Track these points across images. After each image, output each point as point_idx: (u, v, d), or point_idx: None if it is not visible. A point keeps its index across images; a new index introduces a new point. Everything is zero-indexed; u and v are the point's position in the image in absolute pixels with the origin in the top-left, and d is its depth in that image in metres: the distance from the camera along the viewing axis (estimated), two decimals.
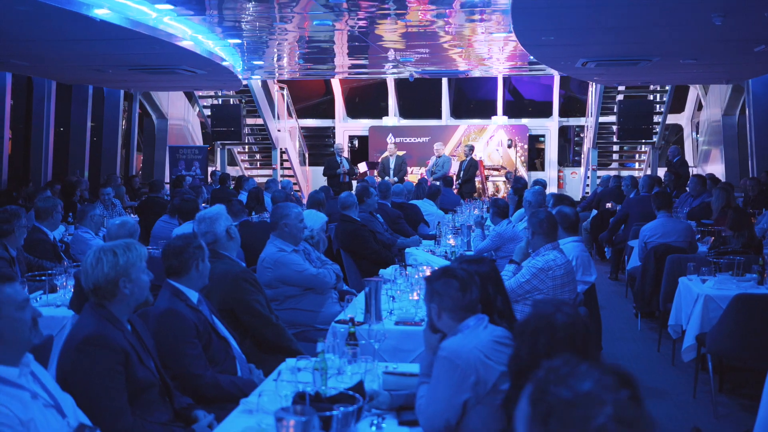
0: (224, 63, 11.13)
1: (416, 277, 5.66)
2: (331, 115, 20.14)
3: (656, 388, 5.79)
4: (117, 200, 10.61)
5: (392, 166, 15.75)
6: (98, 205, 7.62)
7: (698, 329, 5.56)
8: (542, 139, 19.21)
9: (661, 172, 16.42)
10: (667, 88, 15.68)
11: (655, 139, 16.14)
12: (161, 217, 8.57)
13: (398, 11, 8.59)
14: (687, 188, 13.25)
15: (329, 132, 20.60)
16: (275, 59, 13.22)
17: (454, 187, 14.98)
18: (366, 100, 20.72)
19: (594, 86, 16.39)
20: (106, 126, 15.39)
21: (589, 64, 10.24)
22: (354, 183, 16.46)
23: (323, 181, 18.05)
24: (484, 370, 2.69)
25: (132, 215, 11.23)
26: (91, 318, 3.13)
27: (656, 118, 16.25)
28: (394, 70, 14.77)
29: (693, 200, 10.50)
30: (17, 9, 6.56)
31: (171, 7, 7.97)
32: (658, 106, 16.29)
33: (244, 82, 15.30)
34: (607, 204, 11.93)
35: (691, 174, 13.17)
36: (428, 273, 5.73)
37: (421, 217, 9.36)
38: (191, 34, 9.81)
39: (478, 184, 16.28)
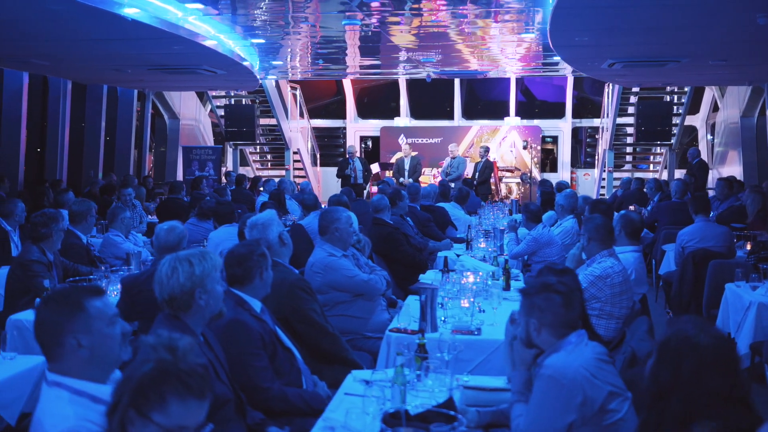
0: (244, 63, 10.99)
1: (462, 282, 5.56)
2: (341, 116, 20.02)
3: None
4: (137, 201, 10.46)
5: (407, 167, 15.64)
6: (128, 208, 7.47)
7: (751, 338, 5.44)
8: (549, 139, 19.05)
9: (676, 173, 16.36)
10: (686, 89, 15.55)
11: (673, 140, 16.00)
12: (189, 220, 8.42)
13: (413, 10, 8.47)
14: (708, 191, 13.20)
15: (339, 132, 20.48)
16: (290, 59, 13.08)
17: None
18: (377, 100, 20.60)
19: (611, 87, 16.26)
20: (120, 126, 15.26)
21: (617, 65, 10.12)
22: (370, 185, 16.48)
23: (334, 182, 17.99)
24: (591, 389, 2.57)
25: (150, 216, 11.13)
26: (166, 330, 2.99)
27: (673, 120, 16.13)
28: (413, 71, 14.60)
29: (720, 203, 10.38)
30: (51, 8, 6.43)
31: (201, 6, 7.84)
32: (676, 107, 16.15)
33: (260, 82, 15.17)
34: (630, 207, 11.79)
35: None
36: (472, 279, 5.64)
37: (449, 220, 9.24)
38: (213, 34, 9.68)
39: (491, 186, 16.15)
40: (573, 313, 2.71)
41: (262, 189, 15.05)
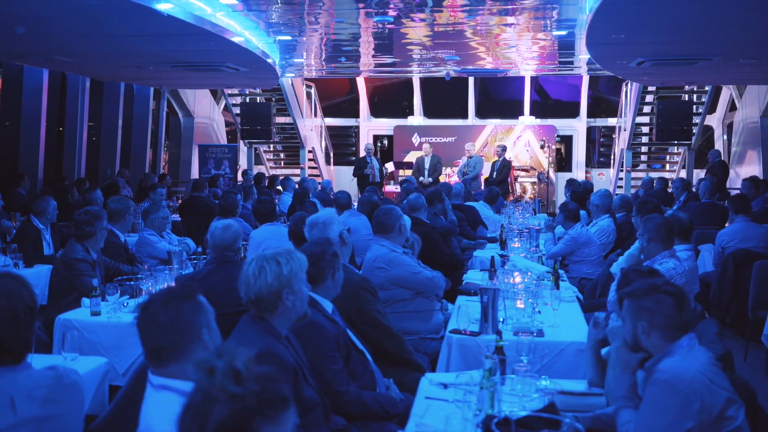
0: (268, 60, 10.90)
1: (509, 281, 5.46)
2: (353, 114, 19.91)
3: None
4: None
5: (427, 166, 15.54)
6: (163, 207, 7.36)
7: None
8: (558, 138, 18.92)
9: (694, 173, 16.26)
10: (706, 88, 15.45)
11: (692, 140, 15.91)
12: (214, 219, 8.30)
13: (435, 9, 8.37)
14: (729, 191, 13.11)
15: (351, 131, 20.38)
16: (311, 57, 12.97)
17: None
18: (389, 99, 20.50)
19: (630, 86, 16.16)
20: (136, 123, 15.15)
21: (646, 63, 10.03)
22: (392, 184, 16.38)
23: (347, 181, 17.88)
24: (710, 395, 2.47)
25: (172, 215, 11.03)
26: (254, 332, 2.90)
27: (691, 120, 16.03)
28: (434, 69, 14.49)
29: None
30: (90, 3, 6.33)
31: (235, 1, 7.75)
32: (695, 107, 16.05)
33: (279, 80, 15.08)
34: None
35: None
36: (519, 279, 5.54)
37: (480, 219, 9.14)
38: (239, 30, 9.59)
39: (508, 185, 16.04)
40: (685, 316, 2.62)
41: (280, 188, 14.98)
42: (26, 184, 11.29)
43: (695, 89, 16.13)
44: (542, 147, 17.24)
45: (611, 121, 19.21)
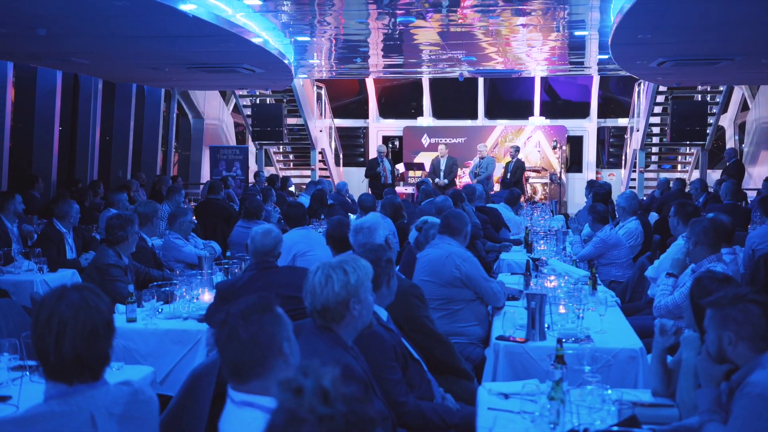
0: (285, 61, 10.81)
1: (547, 285, 5.38)
2: (362, 115, 19.83)
3: None
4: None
5: (443, 167, 15.44)
6: (189, 210, 7.27)
7: None
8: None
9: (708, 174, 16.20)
10: (721, 88, 15.37)
11: (706, 140, 15.83)
12: (238, 222, 8.21)
13: (451, 9, 8.29)
14: (747, 191, 13.00)
15: (359, 132, 20.29)
16: (327, 57, 12.88)
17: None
18: (397, 100, 20.41)
19: (642, 87, 16.08)
20: (147, 125, 15.06)
21: (667, 63, 9.94)
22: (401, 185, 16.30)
23: (357, 182, 17.80)
24: None
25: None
26: (322, 344, 2.81)
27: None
28: (449, 69, 14.41)
29: None
30: (115, 4, 6.25)
31: (259, 2, 7.66)
32: (710, 107, 15.97)
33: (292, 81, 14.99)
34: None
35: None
36: (555, 283, 5.45)
37: (503, 221, 9.05)
38: (257, 31, 9.50)
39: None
40: None
41: (292, 189, 14.90)
42: (40, 187, 11.19)
43: (708, 89, 16.04)
44: (554, 148, 17.13)
45: (621, 122, 19.13)
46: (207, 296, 5.31)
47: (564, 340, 4.33)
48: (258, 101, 18.06)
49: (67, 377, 2.11)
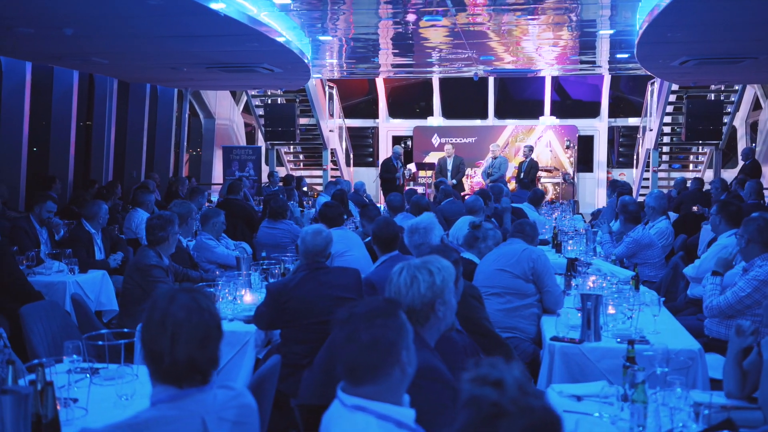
0: (306, 61, 10.76)
1: (590, 286, 5.33)
2: (370, 115, 19.78)
3: None
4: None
5: (450, 167, 15.40)
6: (221, 211, 7.20)
7: None
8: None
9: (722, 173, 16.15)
10: (736, 87, 15.33)
11: (722, 140, 15.79)
12: (263, 223, 8.16)
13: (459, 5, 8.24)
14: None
15: (368, 132, 20.24)
16: (345, 57, 12.82)
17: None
18: (407, 99, 20.36)
19: (658, 86, 16.04)
20: (160, 125, 15.00)
21: (690, 62, 9.90)
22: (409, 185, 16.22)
23: (369, 182, 17.73)
24: None
25: None
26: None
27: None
28: (465, 69, 14.36)
29: None
30: (149, 3, 6.19)
31: (289, 0, 7.61)
32: (725, 106, 15.94)
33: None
34: (693, 207, 11.55)
35: None
36: (595, 284, 5.41)
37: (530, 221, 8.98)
38: (281, 30, 9.44)
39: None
40: None
41: (305, 189, 14.85)
42: (57, 188, 11.13)
43: (723, 88, 16.00)
44: (568, 147, 17.09)
45: (631, 121, 19.10)
46: (248, 297, 5.27)
47: (619, 341, 4.33)
48: (269, 101, 18.01)
49: (178, 380, 2.06)
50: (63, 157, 11.77)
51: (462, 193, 14.00)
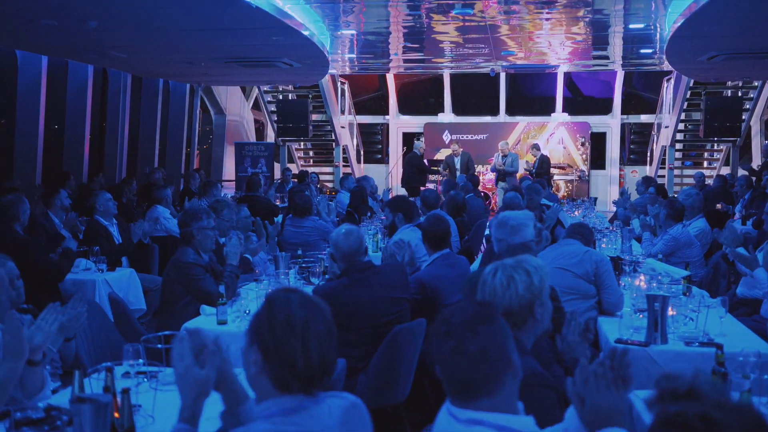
0: (327, 56, 10.59)
1: (637, 284, 5.18)
2: (380, 111, 19.61)
3: None
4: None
5: (458, 165, 15.22)
6: (243, 207, 7.03)
7: None
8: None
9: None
10: (755, 83, 15.18)
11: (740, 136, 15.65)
12: (288, 221, 7.95)
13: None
14: None
15: (377, 128, 20.06)
16: (359, 52, 12.64)
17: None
18: (417, 96, 20.20)
19: (674, 82, 15.88)
20: (171, 121, 14.82)
21: (719, 57, 9.75)
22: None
23: (380, 179, 17.52)
24: None
25: None
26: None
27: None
28: (483, 65, 14.19)
29: None
30: None
31: None
32: (744, 102, 15.80)
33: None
34: (717, 205, 11.40)
35: None
36: (641, 283, 5.26)
37: (559, 219, 8.82)
38: (306, 23, 9.27)
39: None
40: None
41: (318, 185, 14.65)
42: (72, 183, 10.96)
43: (740, 84, 15.84)
44: (583, 144, 16.94)
45: (643, 118, 18.95)
46: None
47: (686, 344, 4.17)
48: (281, 97, 17.83)
49: (312, 384, 1.91)
50: (77, 153, 11.60)
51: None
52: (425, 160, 15.56)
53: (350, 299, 4.19)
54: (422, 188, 14.70)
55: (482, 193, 12.97)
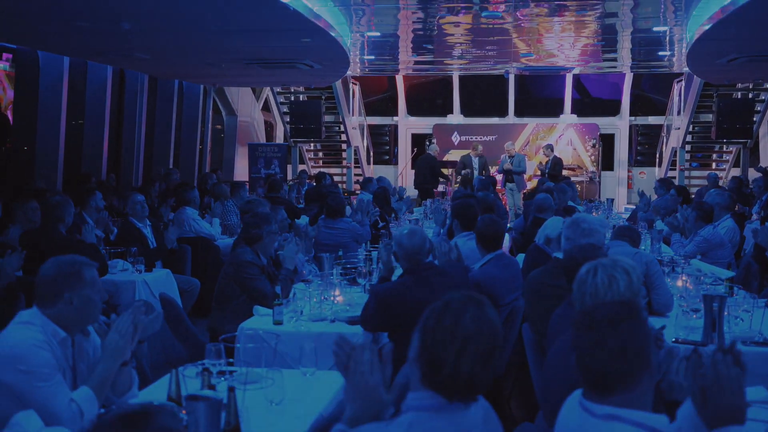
0: (350, 58, 10.62)
1: (678, 285, 5.23)
2: (388, 113, 19.65)
3: None
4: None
5: (476, 166, 15.24)
6: (281, 209, 7.04)
7: None
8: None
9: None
10: (766, 85, 15.26)
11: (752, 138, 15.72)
12: (321, 222, 7.95)
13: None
14: None
15: (386, 130, 20.10)
16: (383, 53, 12.63)
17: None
18: (426, 97, 20.24)
19: (684, 84, 15.95)
20: (185, 122, 14.83)
21: (739, 59, 9.81)
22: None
23: (391, 180, 17.54)
24: None
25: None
26: None
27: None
28: (498, 66, 14.24)
29: None
30: None
31: None
32: (756, 104, 15.88)
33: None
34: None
35: None
36: (683, 283, 5.30)
37: None
38: (334, 24, 9.29)
39: None
40: None
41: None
42: (92, 185, 10.98)
43: (751, 86, 15.92)
44: (593, 146, 17.00)
45: (651, 120, 19.03)
46: (340, 298, 5.13)
47: (743, 343, 4.22)
48: (293, 98, 17.86)
49: (451, 394, 1.95)
50: (97, 155, 11.62)
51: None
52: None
53: (413, 299, 4.21)
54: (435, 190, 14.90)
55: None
